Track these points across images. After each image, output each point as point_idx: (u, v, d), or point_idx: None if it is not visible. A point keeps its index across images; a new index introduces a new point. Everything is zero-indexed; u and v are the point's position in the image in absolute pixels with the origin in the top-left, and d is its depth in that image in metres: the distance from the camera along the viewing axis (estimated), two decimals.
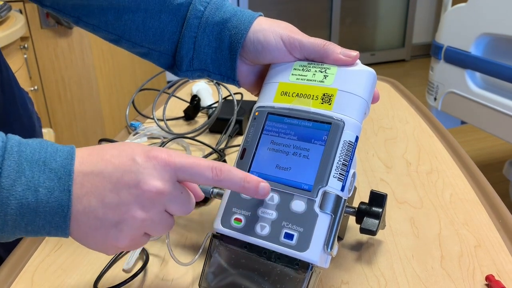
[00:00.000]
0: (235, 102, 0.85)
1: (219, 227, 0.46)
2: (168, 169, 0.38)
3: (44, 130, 1.71)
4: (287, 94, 0.49)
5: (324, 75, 0.49)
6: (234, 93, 0.89)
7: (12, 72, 0.71)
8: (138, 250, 0.53)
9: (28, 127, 0.75)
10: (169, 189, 0.38)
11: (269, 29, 0.50)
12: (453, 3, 1.87)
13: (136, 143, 0.40)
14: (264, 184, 0.42)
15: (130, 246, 0.40)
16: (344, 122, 0.45)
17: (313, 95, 0.48)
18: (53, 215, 0.36)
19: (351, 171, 0.45)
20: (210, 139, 0.85)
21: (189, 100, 0.97)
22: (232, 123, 0.84)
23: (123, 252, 0.55)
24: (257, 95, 0.54)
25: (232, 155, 0.80)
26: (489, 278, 0.49)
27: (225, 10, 0.53)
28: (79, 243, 0.40)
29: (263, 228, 0.44)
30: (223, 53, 0.53)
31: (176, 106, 1.00)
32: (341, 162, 0.44)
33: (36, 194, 0.35)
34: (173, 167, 0.39)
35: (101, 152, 0.38)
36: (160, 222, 0.39)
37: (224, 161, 0.76)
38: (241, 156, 0.48)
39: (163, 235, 0.56)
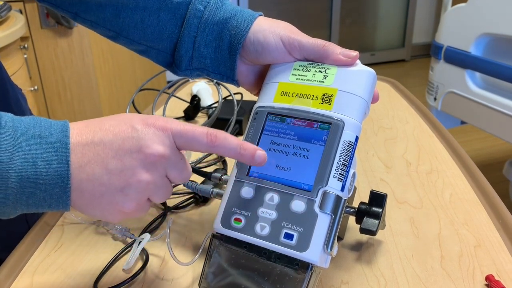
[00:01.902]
0: (235, 102, 0.85)
1: (219, 227, 0.46)
2: (167, 134, 0.40)
3: None
4: (287, 94, 0.49)
5: (324, 75, 0.49)
6: (234, 93, 0.89)
7: (5, 69, 0.71)
8: (138, 250, 0.53)
9: None
10: (170, 153, 0.40)
11: (269, 30, 0.50)
12: (453, 3, 1.87)
13: (133, 113, 0.41)
14: (261, 152, 0.43)
15: (135, 211, 0.41)
16: (344, 122, 0.45)
17: (313, 95, 0.48)
18: (53, 187, 0.37)
19: (351, 171, 0.45)
20: None
21: (189, 100, 0.97)
22: (232, 123, 0.84)
23: (123, 252, 0.55)
24: (257, 94, 0.54)
25: None
26: (489, 278, 0.49)
27: (225, 9, 0.53)
28: (84, 213, 0.40)
29: (263, 228, 0.44)
30: (223, 53, 0.53)
31: (176, 106, 1.00)
32: (341, 162, 0.44)
33: (35, 167, 0.36)
34: (170, 133, 0.40)
35: (99, 123, 0.40)
36: (162, 186, 0.41)
37: (224, 161, 0.76)
38: None
39: (163, 236, 0.56)
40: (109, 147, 0.38)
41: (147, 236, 0.54)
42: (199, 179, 0.67)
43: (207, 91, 1.03)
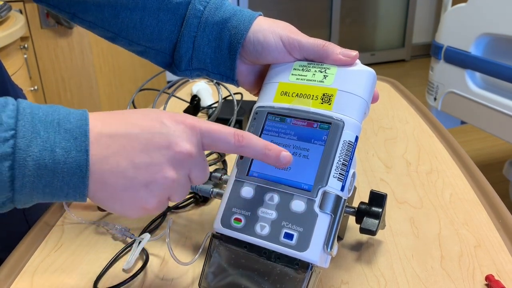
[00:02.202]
0: (235, 102, 0.85)
1: (219, 227, 0.46)
2: (195, 133, 0.40)
3: None
4: (287, 94, 0.49)
5: (324, 75, 0.49)
6: (234, 93, 0.89)
7: (5, 68, 0.71)
8: (138, 250, 0.53)
9: None
10: (196, 152, 0.40)
11: (268, 30, 0.50)
12: (453, 3, 1.87)
13: (159, 109, 0.41)
14: (286, 153, 0.42)
15: (156, 208, 0.40)
16: (344, 122, 0.45)
17: (313, 95, 0.48)
18: (71, 176, 0.36)
19: (351, 171, 0.45)
20: None
21: (189, 100, 0.97)
22: (232, 123, 0.84)
23: (123, 252, 0.55)
24: (257, 94, 0.54)
25: (232, 155, 0.80)
26: (489, 278, 0.49)
27: (225, 9, 0.53)
28: (103, 207, 0.39)
29: (263, 228, 0.44)
30: (223, 53, 0.53)
31: (176, 106, 1.00)
32: (341, 162, 0.44)
33: (53, 155, 0.35)
34: (199, 132, 0.40)
35: (124, 115, 0.39)
36: (183, 185, 0.40)
37: (224, 161, 0.76)
38: (241, 156, 0.48)
39: (163, 235, 0.56)
40: (136, 140, 0.37)
41: (147, 236, 0.54)
42: None
43: (207, 91, 1.03)
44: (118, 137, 0.37)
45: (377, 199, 0.50)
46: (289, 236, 0.43)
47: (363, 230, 0.49)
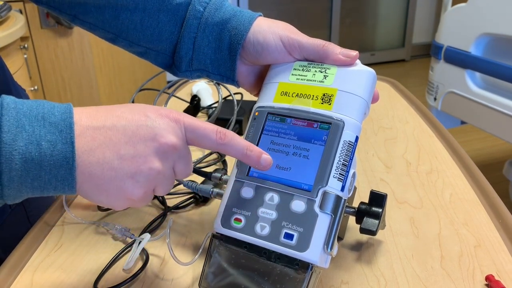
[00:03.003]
0: (235, 102, 0.85)
1: (219, 227, 0.46)
2: (179, 127, 0.40)
3: None
4: (287, 94, 0.49)
5: (324, 75, 0.49)
6: (234, 93, 0.89)
7: (8, 69, 0.71)
8: (138, 250, 0.53)
9: None
10: (181, 145, 0.40)
11: (268, 30, 0.50)
12: (453, 3, 1.87)
13: (142, 104, 0.41)
14: (266, 156, 0.43)
15: (141, 199, 0.40)
16: (344, 122, 0.45)
17: (313, 95, 0.48)
18: (58, 168, 0.36)
19: (351, 171, 0.45)
20: None
21: (189, 100, 0.97)
22: (232, 123, 0.84)
23: (123, 252, 0.55)
24: (257, 95, 0.54)
25: None
26: (489, 278, 0.49)
27: (225, 10, 0.53)
28: (89, 199, 0.40)
29: (263, 228, 0.44)
30: (223, 53, 0.53)
31: (176, 106, 1.00)
32: (341, 162, 0.44)
33: (39, 148, 0.35)
34: (183, 125, 0.41)
35: (110, 109, 0.40)
36: (168, 178, 0.41)
37: (224, 161, 0.76)
38: None
39: (163, 236, 0.56)
40: (122, 132, 0.38)
41: (147, 236, 0.54)
42: (199, 179, 0.67)
43: (207, 91, 1.04)
44: (104, 129, 0.38)
45: (377, 199, 0.50)
46: (289, 236, 0.43)
47: (363, 230, 0.49)
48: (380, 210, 0.50)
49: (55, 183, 0.37)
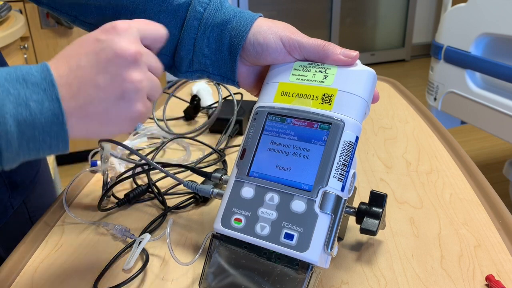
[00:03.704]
0: (235, 102, 0.85)
1: (219, 227, 0.46)
2: (131, 32, 0.41)
3: None
4: (287, 94, 0.49)
5: (324, 75, 0.49)
6: (234, 93, 0.89)
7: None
8: (138, 250, 0.53)
9: None
10: (141, 48, 0.41)
11: (268, 31, 0.50)
12: (453, 3, 1.87)
13: (90, 33, 0.42)
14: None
15: (143, 112, 0.41)
16: (344, 122, 0.45)
17: (313, 95, 0.48)
18: (50, 125, 0.37)
19: (351, 171, 0.45)
20: (210, 139, 0.85)
21: (189, 100, 0.97)
22: (232, 123, 0.84)
23: (123, 252, 0.55)
24: (257, 95, 0.54)
25: (232, 155, 0.80)
26: (489, 278, 0.49)
27: (225, 11, 0.53)
28: (98, 137, 0.41)
29: (263, 228, 0.44)
30: (223, 54, 0.53)
31: (176, 106, 1.00)
32: (341, 162, 0.44)
33: (29, 109, 0.36)
34: (133, 29, 0.41)
35: (66, 53, 0.40)
36: (152, 80, 0.42)
37: (224, 161, 0.76)
38: (241, 156, 0.48)
39: (163, 236, 0.56)
40: (88, 67, 0.39)
41: (147, 236, 0.54)
42: (199, 179, 0.67)
43: (207, 91, 1.04)
44: (72, 72, 0.38)
45: (377, 199, 0.50)
46: (289, 236, 0.43)
47: (363, 230, 0.49)
48: (380, 210, 0.50)
49: (50, 140, 0.38)
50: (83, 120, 0.39)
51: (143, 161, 0.67)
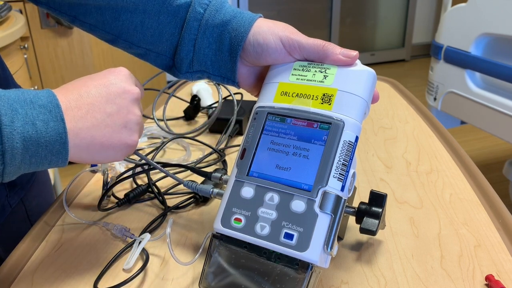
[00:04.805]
0: (235, 102, 0.86)
1: (219, 227, 0.46)
2: (133, 78, 0.49)
3: None
4: (287, 94, 0.49)
5: (324, 75, 0.49)
6: (234, 93, 0.89)
7: (9, 71, 0.71)
8: (138, 250, 0.53)
9: None
10: (140, 91, 0.49)
11: (268, 31, 0.50)
12: (453, 3, 1.87)
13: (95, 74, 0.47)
14: None
15: (137, 139, 0.48)
16: (344, 122, 0.45)
17: (313, 95, 0.48)
18: (53, 144, 0.40)
19: (351, 171, 0.45)
20: (210, 139, 0.85)
21: (189, 100, 0.97)
22: (232, 123, 0.84)
23: (123, 252, 0.55)
24: (257, 95, 0.54)
25: (232, 155, 0.80)
26: (489, 278, 0.49)
27: (225, 12, 0.53)
28: (99, 160, 0.45)
29: (263, 228, 0.44)
30: (223, 55, 0.53)
31: (176, 106, 1.00)
32: (341, 162, 0.44)
33: (35, 127, 0.39)
34: (133, 77, 0.49)
35: (74, 84, 0.45)
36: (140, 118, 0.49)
37: (224, 161, 0.76)
38: (241, 156, 0.48)
39: (163, 236, 0.56)
40: (98, 96, 0.44)
41: (147, 236, 0.54)
42: (199, 179, 0.67)
43: (207, 91, 1.04)
44: (82, 98, 0.43)
45: (377, 199, 0.50)
46: (289, 236, 0.43)
47: (363, 230, 0.49)
48: (380, 210, 0.50)
49: (51, 157, 0.41)
50: (87, 142, 0.43)
51: (143, 161, 0.67)
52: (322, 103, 0.47)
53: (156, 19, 0.53)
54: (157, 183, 0.69)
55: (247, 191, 0.46)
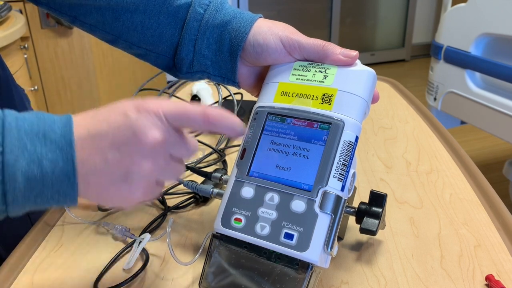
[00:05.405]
0: (235, 102, 0.86)
1: (219, 227, 0.46)
2: (159, 117, 0.39)
3: None
4: (287, 94, 0.49)
5: (324, 75, 0.49)
6: (234, 93, 0.89)
7: (9, 71, 0.71)
8: (138, 250, 0.53)
9: None
10: (166, 135, 0.39)
11: (268, 31, 0.50)
12: (453, 3, 1.87)
13: (126, 100, 0.40)
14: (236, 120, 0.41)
15: (146, 195, 0.40)
16: (344, 122, 0.45)
17: (313, 95, 0.48)
18: (60, 184, 0.37)
19: (351, 171, 0.45)
20: (210, 139, 0.85)
21: (189, 100, 0.97)
22: None
23: (123, 252, 0.55)
24: (257, 96, 0.54)
25: (232, 155, 0.80)
26: (489, 278, 0.49)
27: (225, 12, 0.53)
28: (96, 202, 0.41)
29: (263, 228, 0.44)
30: (223, 55, 0.53)
31: None
32: (341, 162, 0.44)
33: (41, 167, 0.36)
34: (163, 114, 0.39)
35: (94, 114, 0.39)
36: (168, 167, 0.40)
37: (224, 161, 0.76)
38: (241, 156, 0.48)
39: (163, 236, 0.56)
40: (105, 138, 0.38)
41: (147, 236, 0.54)
42: (199, 179, 0.67)
43: (207, 91, 1.04)
44: (90, 137, 0.38)
45: (377, 199, 0.50)
46: (289, 236, 0.43)
47: (363, 230, 0.49)
48: (380, 210, 0.50)
49: (58, 197, 0.37)
50: (83, 187, 0.38)
51: None
52: (322, 103, 0.47)
53: (156, 20, 0.53)
54: None
55: (247, 191, 0.46)
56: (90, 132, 0.38)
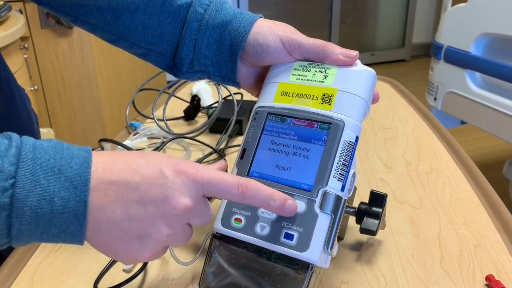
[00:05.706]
0: (235, 102, 0.86)
1: (219, 227, 0.46)
2: (196, 185, 0.38)
3: (44, 130, 1.71)
4: (287, 94, 0.49)
5: (324, 75, 0.49)
6: (234, 93, 0.89)
7: (10, 70, 0.71)
8: None
9: (26, 126, 0.75)
10: (195, 205, 0.39)
11: (268, 31, 0.50)
12: (453, 3, 1.87)
13: (163, 154, 0.40)
14: (291, 202, 0.41)
15: (149, 258, 0.40)
16: (344, 122, 0.45)
17: (313, 95, 0.48)
18: (68, 224, 0.35)
19: (351, 171, 0.45)
20: (210, 139, 0.85)
21: (189, 100, 0.97)
22: (232, 123, 0.84)
23: None
24: (258, 96, 0.54)
25: (232, 155, 0.80)
26: (489, 278, 0.49)
27: (225, 12, 0.53)
28: (97, 250, 0.39)
29: (263, 228, 0.44)
30: (224, 55, 0.53)
31: (176, 106, 1.00)
32: (341, 162, 0.44)
33: (51, 204, 0.34)
34: (200, 183, 0.38)
35: (127, 160, 0.37)
36: (182, 234, 0.40)
37: (224, 161, 0.76)
38: (241, 156, 0.48)
39: None
40: (134, 190, 0.36)
41: None
42: None
43: (207, 91, 1.04)
44: (118, 185, 0.36)
45: (377, 199, 0.50)
46: (289, 236, 0.43)
47: (363, 230, 0.49)
48: (380, 210, 0.50)
49: (64, 237, 0.36)
50: (92, 233, 0.37)
51: None
52: (322, 103, 0.47)
53: (156, 19, 0.53)
54: None
55: None
56: (119, 180, 0.36)
